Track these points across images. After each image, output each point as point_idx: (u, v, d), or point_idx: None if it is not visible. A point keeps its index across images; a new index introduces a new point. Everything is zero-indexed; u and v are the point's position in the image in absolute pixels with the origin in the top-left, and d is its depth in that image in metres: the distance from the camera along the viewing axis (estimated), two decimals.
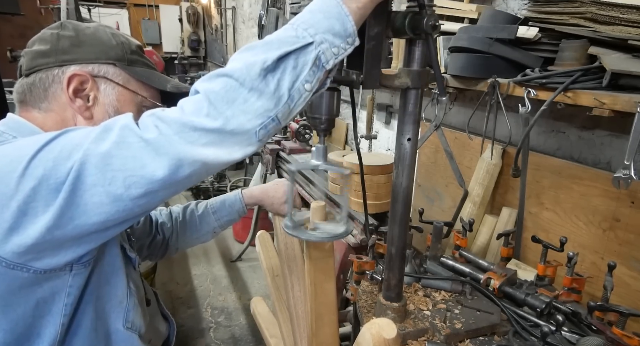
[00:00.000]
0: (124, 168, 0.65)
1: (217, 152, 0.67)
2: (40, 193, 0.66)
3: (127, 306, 0.94)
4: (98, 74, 0.93)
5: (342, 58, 0.71)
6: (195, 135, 0.65)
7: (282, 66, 0.67)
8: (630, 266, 1.27)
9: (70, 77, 0.90)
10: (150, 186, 0.66)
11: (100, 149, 0.66)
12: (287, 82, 0.67)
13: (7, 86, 2.84)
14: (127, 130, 0.66)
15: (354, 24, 0.70)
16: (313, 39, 0.67)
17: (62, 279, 0.79)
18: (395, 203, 1.02)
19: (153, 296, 1.22)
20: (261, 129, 0.68)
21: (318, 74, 0.69)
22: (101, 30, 0.97)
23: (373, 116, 2.83)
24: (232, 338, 2.91)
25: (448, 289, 1.27)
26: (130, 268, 1.01)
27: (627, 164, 1.09)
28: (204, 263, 3.90)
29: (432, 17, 0.82)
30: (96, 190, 0.66)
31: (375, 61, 0.86)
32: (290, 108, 0.69)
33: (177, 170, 0.66)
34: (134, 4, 8.70)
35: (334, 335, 1.07)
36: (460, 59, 1.54)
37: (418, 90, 0.93)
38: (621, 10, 1.17)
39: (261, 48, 0.68)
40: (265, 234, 1.47)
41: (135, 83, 0.99)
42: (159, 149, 0.65)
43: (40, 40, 0.93)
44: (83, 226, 0.68)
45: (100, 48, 0.94)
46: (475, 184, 1.75)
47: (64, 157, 0.66)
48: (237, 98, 0.65)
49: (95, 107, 0.94)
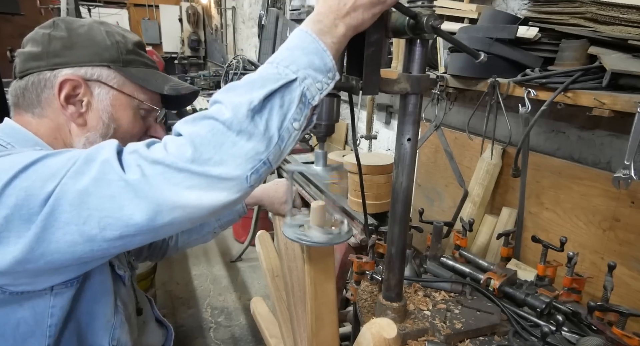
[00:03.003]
0: (100, 208, 0.62)
1: (202, 197, 0.62)
2: (13, 223, 0.63)
3: (114, 325, 0.91)
4: (91, 78, 0.89)
5: (325, 94, 0.69)
6: (179, 177, 0.61)
7: (268, 105, 0.64)
8: (630, 266, 1.27)
9: (61, 83, 0.86)
10: (125, 229, 0.62)
11: (78, 186, 0.62)
12: (276, 122, 0.64)
13: (7, 86, 2.84)
14: (109, 166, 0.62)
15: (332, 59, 0.69)
16: (296, 75, 0.65)
17: (43, 299, 0.77)
18: (395, 203, 1.02)
19: (147, 303, 1.20)
20: (252, 173, 0.64)
21: (305, 111, 0.67)
22: (95, 28, 0.91)
23: (373, 116, 2.83)
24: (232, 338, 2.91)
25: (448, 289, 1.27)
26: (120, 285, 0.97)
27: (627, 164, 1.09)
28: (204, 263, 3.90)
29: (432, 17, 0.82)
30: (69, 228, 0.62)
31: (375, 67, 0.86)
32: (281, 149, 0.66)
33: (156, 216, 0.62)
34: (134, 4, 8.71)
35: (334, 335, 1.07)
36: (460, 59, 1.54)
37: (418, 95, 0.93)
38: (621, 10, 1.17)
39: (244, 88, 0.65)
40: (265, 234, 1.47)
41: (131, 86, 0.94)
42: (139, 191, 0.61)
43: (32, 41, 0.89)
44: (55, 261, 0.65)
45: (93, 49, 0.89)
46: (475, 184, 1.75)
47: (38, 186, 0.63)
48: (224, 142, 0.62)
49: (88, 113, 0.90)
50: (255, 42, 5.32)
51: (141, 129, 0.99)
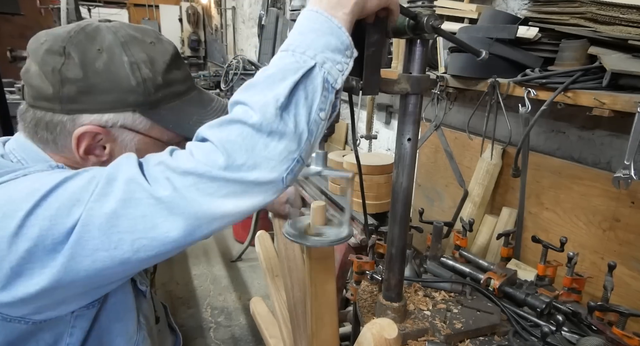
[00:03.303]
0: (133, 230, 0.58)
1: (238, 204, 0.60)
2: (36, 255, 0.58)
3: (136, 341, 0.86)
4: (114, 125, 0.76)
5: (347, 74, 0.66)
6: (214, 186, 0.58)
7: (293, 99, 0.60)
8: (630, 266, 1.27)
9: (80, 136, 0.74)
10: (162, 248, 0.59)
11: (105, 209, 0.57)
12: (304, 116, 0.61)
13: (7, 86, 2.84)
14: (135, 184, 0.58)
15: (348, 35, 0.65)
16: (315, 60, 0.62)
17: (63, 322, 0.72)
18: (395, 203, 1.02)
19: (162, 311, 1.18)
20: (288, 174, 0.61)
21: (330, 97, 0.64)
22: (117, 60, 0.74)
23: (373, 116, 2.83)
24: (232, 338, 2.91)
25: (448, 289, 1.27)
26: (142, 299, 0.92)
27: (627, 164, 1.09)
28: (204, 263, 3.90)
29: (433, 17, 0.82)
30: (99, 255, 0.58)
31: (375, 67, 0.86)
32: (312, 143, 0.63)
33: (195, 230, 0.59)
34: (134, 4, 8.71)
35: (334, 335, 1.07)
36: (460, 59, 1.54)
37: (418, 95, 0.93)
38: (621, 10, 1.18)
39: (264, 83, 0.61)
40: (265, 234, 1.47)
41: (159, 128, 0.80)
42: (173, 208, 0.57)
43: (40, 70, 0.73)
44: (84, 286, 0.62)
45: (116, 94, 0.74)
46: (475, 184, 1.75)
47: (63, 215, 0.58)
48: (256, 145, 0.59)
49: (111, 161, 0.76)
50: (255, 42, 5.32)
51: None
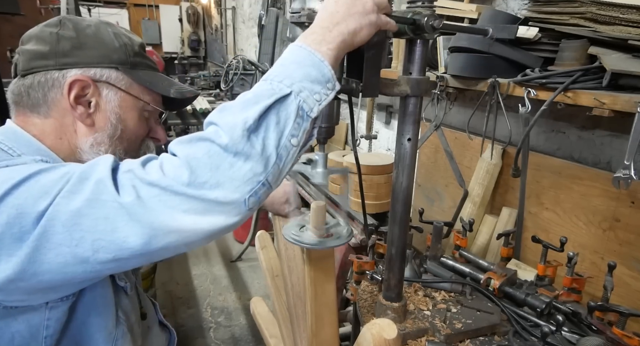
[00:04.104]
0: (94, 230, 0.60)
1: (198, 221, 0.60)
2: (3, 241, 0.61)
3: (115, 336, 0.88)
4: (100, 79, 0.89)
5: (326, 105, 0.66)
6: (175, 200, 0.59)
7: (264, 123, 0.61)
8: (630, 266, 1.27)
9: (71, 83, 0.85)
10: (119, 252, 0.61)
11: (71, 206, 0.60)
12: (273, 140, 0.62)
13: (7, 86, 2.84)
14: (102, 186, 0.61)
15: (331, 69, 0.66)
16: (291, 89, 0.63)
17: (38, 312, 0.75)
18: (395, 203, 1.02)
19: (151, 308, 1.19)
20: (251, 196, 0.61)
21: (304, 125, 0.64)
22: (103, 29, 0.91)
23: (373, 116, 2.83)
24: (232, 338, 2.91)
25: (448, 289, 1.27)
26: (121, 295, 0.94)
27: (627, 164, 1.09)
28: (204, 263, 3.90)
29: (432, 17, 0.82)
30: (61, 250, 0.61)
31: (375, 69, 0.86)
32: (280, 168, 0.63)
33: (151, 240, 0.60)
34: (134, 4, 8.71)
35: (334, 335, 1.07)
36: (460, 59, 1.54)
37: (417, 97, 0.93)
38: (621, 10, 1.17)
39: (238, 107, 0.63)
40: (265, 234, 1.47)
41: (137, 88, 0.94)
42: (133, 214, 0.59)
43: (37, 38, 0.87)
44: (48, 281, 0.64)
45: (102, 51, 0.89)
46: (475, 184, 1.75)
47: (30, 204, 0.61)
48: (221, 164, 0.60)
49: (96, 114, 0.90)
50: (255, 42, 5.32)
51: (145, 130, 0.99)
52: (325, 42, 0.67)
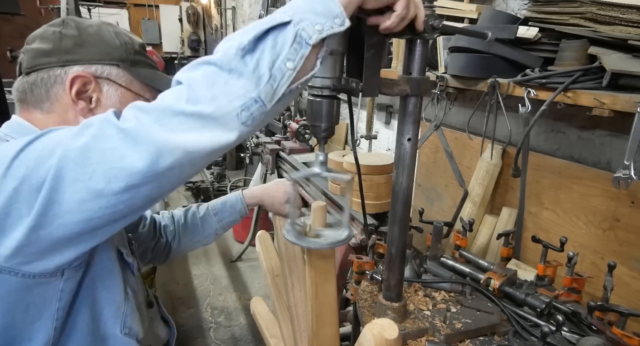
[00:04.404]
0: (103, 161, 0.63)
1: (199, 138, 0.64)
2: (23, 193, 0.64)
3: (125, 312, 0.92)
4: (101, 76, 0.92)
5: (330, 35, 0.67)
6: (175, 121, 0.63)
7: (260, 46, 0.65)
8: (630, 266, 1.27)
9: (73, 79, 0.89)
10: (130, 178, 0.63)
11: (79, 143, 0.64)
12: (267, 62, 0.65)
13: (7, 86, 2.83)
14: (106, 122, 0.65)
15: (340, 5, 0.68)
16: (291, 18, 0.65)
17: (52, 285, 0.77)
18: (395, 203, 1.02)
19: (155, 300, 1.22)
20: (243, 110, 0.65)
21: (302, 51, 0.66)
22: (104, 29, 0.95)
23: (373, 116, 2.83)
24: (232, 338, 2.91)
25: (448, 289, 1.27)
26: (128, 273, 0.99)
27: (627, 164, 1.09)
28: (204, 263, 3.90)
29: (432, 17, 0.82)
30: (77, 186, 0.64)
31: (375, 69, 0.86)
32: (274, 88, 0.66)
33: (157, 159, 0.63)
34: (134, 4, 8.70)
35: (335, 335, 1.07)
36: (460, 59, 1.54)
37: (417, 96, 0.94)
38: (621, 10, 1.18)
39: (240, 33, 0.67)
40: (265, 234, 1.47)
41: (138, 85, 0.98)
42: (137, 138, 0.63)
43: (41, 38, 0.91)
44: (67, 224, 0.66)
45: (103, 48, 0.93)
46: (475, 184, 1.75)
47: (46, 156, 0.65)
48: (217, 81, 0.64)
49: (97, 109, 0.93)
50: None
51: None
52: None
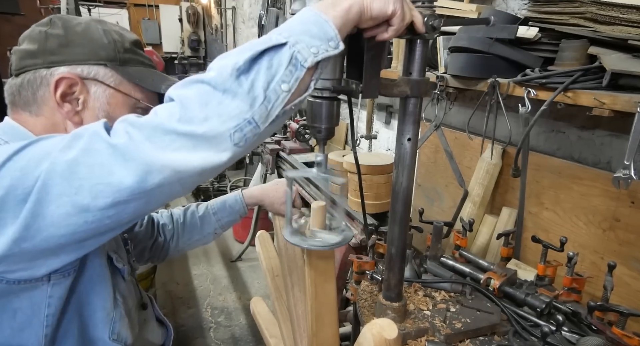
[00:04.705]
0: (91, 176, 0.62)
1: (189, 158, 0.63)
2: (8, 203, 0.63)
3: (113, 318, 0.91)
4: (87, 76, 0.89)
5: (325, 58, 0.67)
6: (166, 139, 0.62)
7: (255, 67, 0.65)
8: (630, 266, 1.27)
9: (57, 81, 0.86)
10: (117, 194, 0.62)
11: (67, 157, 0.62)
12: (262, 83, 0.64)
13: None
14: (96, 136, 0.63)
15: (334, 28, 0.68)
16: (287, 40, 0.65)
17: (40, 290, 0.76)
18: (395, 203, 1.02)
19: (149, 302, 1.21)
20: (236, 131, 0.64)
21: (296, 73, 0.66)
22: (92, 26, 0.91)
23: (373, 115, 2.83)
24: (232, 338, 2.91)
25: (448, 289, 1.27)
26: (118, 278, 0.97)
27: (627, 164, 1.09)
28: (204, 263, 3.90)
29: (432, 17, 0.82)
30: (62, 201, 0.62)
31: (375, 70, 0.86)
32: (268, 110, 0.65)
33: (146, 177, 0.62)
34: (134, 4, 8.70)
35: (334, 335, 1.07)
36: (460, 59, 1.54)
37: (417, 98, 0.94)
38: (621, 10, 1.17)
39: (235, 52, 0.66)
40: (265, 234, 1.47)
41: (128, 85, 0.94)
42: (126, 154, 0.61)
43: (29, 38, 0.88)
44: (51, 237, 0.65)
45: (90, 48, 0.89)
46: (475, 184, 1.75)
47: (32, 166, 0.63)
48: (210, 101, 0.63)
49: (84, 112, 0.90)
50: None
51: None
52: (333, 6, 0.70)
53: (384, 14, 0.74)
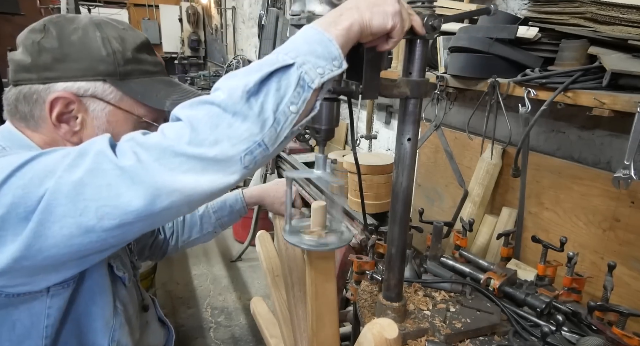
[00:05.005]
0: (97, 198, 0.61)
1: (198, 180, 0.62)
2: (9, 222, 0.62)
3: (113, 326, 0.90)
4: (85, 94, 0.83)
5: (330, 79, 0.68)
6: (175, 161, 0.61)
7: (264, 89, 0.64)
8: (630, 266, 1.27)
9: (52, 101, 0.81)
10: (124, 217, 0.61)
11: (73, 177, 0.61)
12: (271, 105, 0.64)
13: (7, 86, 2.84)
14: (102, 156, 0.62)
15: (338, 48, 0.68)
16: (294, 60, 0.65)
17: (39, 301, 0.76)
18: (395, 203, 1.02)
19: (151, 303, 1.21)
20: (247, 154, 0.64)
21: (304, 94, 0.66)
22: (91, 34, 0.84)
23: (373, 116, 2.83)
24: (232, 338, 2.91)
25: (448, 289, 1.27)
26: (119, 286, 0.95)
27: (627, 164, 1.09)
28: (204, 263, 3.90)
29: (432, 17, 0.82)
30: (66, 221, 0.61)
31: (375, 71, 0.86)
32: (277, 132, 0.66)
33: (154, 200, 0.61)
34: (134, 4, 8.70)
35: (335, 335, 1.07)
36: (460, 59, 1.54)
37: (417, 99, 0.94)
38: (621, 10, 1.17)
39: (242, 73, 0.66)
40: (265, 234, 1.47)
41: (129, 100, 0.88)
42: (135, 177, 0.60)
43: (23, 46, 0.83)
44: (53, 257, 0.64)
45: (87, 62, 0.83)
46: (475, 184, 1.75)
47: (35, 184, 0.62)
48: (220, 123, 0.62)
49: (83, 131, 0.86)
50: (255, 42, 5.32)
51: None
52: (335, 24, 0.70)
53: (383, 29, 0.74)
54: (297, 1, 0.86)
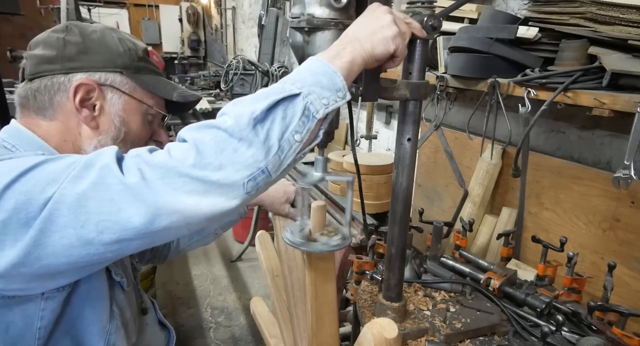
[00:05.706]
0: (99, 211, 0.62)
1: (200, 203, 0.63)
2: (10, 226, 0.63)
3: (109, 330, 0.90)
4: (105, 83, 0.92)
5: (333, 109, 0.70)
6: (179, 182, 0.62)
7: (270, 116, 0.66)
8: (630, 266, 1.27)
9: (77, 87, 0.88)
10: (123, 233, 0.63)
11: (77, 189, 0.62)
12: (277, 132, 0.65)
13: (7, 86, 2.84)
14: (108, 170, 0.63)
15: (342, 79, 0.70)
16: (300, 90, 0.67)
17: (33, 302, 0.76)
18: (395, 203, 1.02)
19: (150, 306, 1.20)
20: (250, 180, 0.65)
21: (308, 124, 0.68)
22: (108, 35, 0.95)
23: (373, 116, 2.83)
24: (232, 338, 2.91)
25: (448, 289, 1.27)
26: (116, 290, 0.96)
27: (627, 164, 1.09)
28: (204, 263, 3.90)
29: (432, 17, 0.82)
30: (67, 232, 0.62)
31: (375, 74, 0.86)
32: (281, 159, 0.67)
33: (154, 219, 0.62)
34: (134, 4, 8.71)
35: (334, 335, 1.07)
36: (460, 59, 1.54)
37: (417, 101, 0.94)
38: (621, 10, 1.18)
39: (250, 100, 0.67)
40: (265, 234, 1.47)
41: (141, 91, 0.97)
42: (138, 194, 0.62)
43: (45, 44, 0.90)
44: (51, 266, 0.65)
45: (107, 56, 0.92)
46: (475, 184, 1.75)
47: (38, 191, 0.63)
48: (226, 148, 0.64)
49: (101, 117, 0.93)
50: (255, 42, 5.32)
51: (148, 133, 1.03)
52: (339, 57, 0.72)
53: (387, 55, 0.76)
54: (297, 4, 0.86)
